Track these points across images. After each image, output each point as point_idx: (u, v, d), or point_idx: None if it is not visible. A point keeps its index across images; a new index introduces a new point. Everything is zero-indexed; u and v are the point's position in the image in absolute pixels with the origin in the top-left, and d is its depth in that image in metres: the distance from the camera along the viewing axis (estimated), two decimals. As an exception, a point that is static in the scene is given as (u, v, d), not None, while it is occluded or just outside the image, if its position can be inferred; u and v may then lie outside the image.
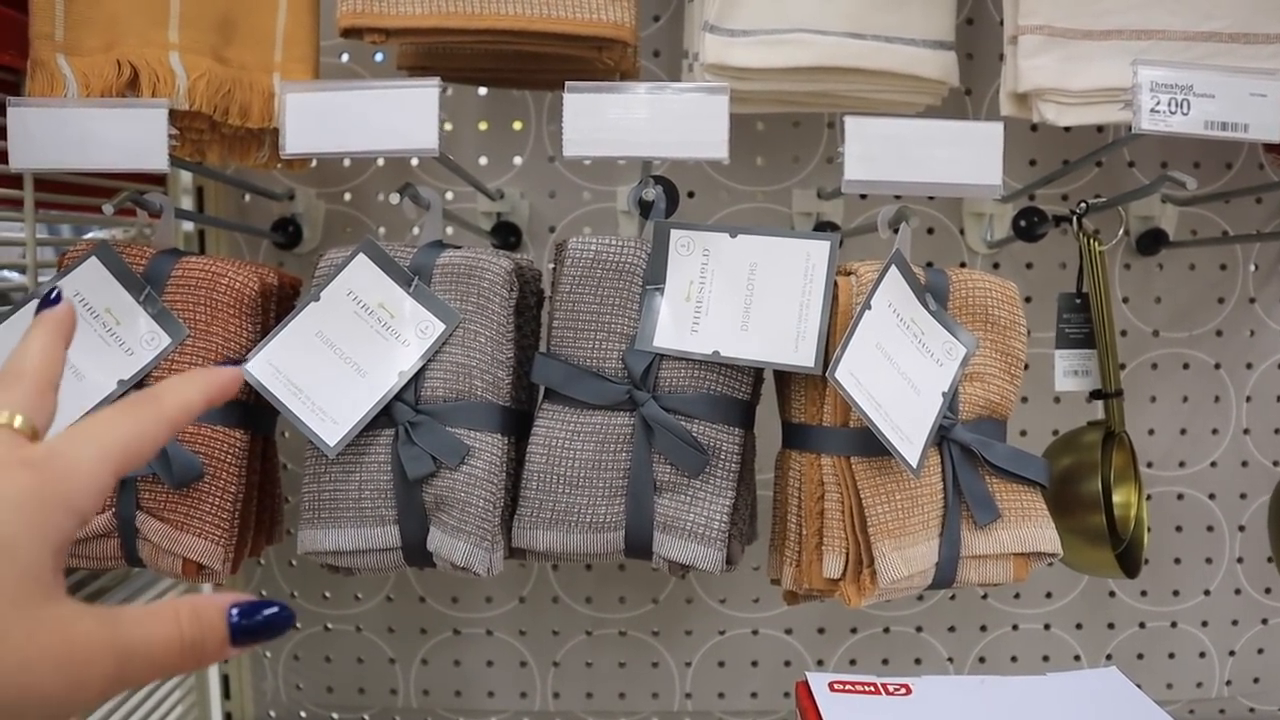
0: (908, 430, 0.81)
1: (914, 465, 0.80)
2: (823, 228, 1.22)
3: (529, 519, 0.87)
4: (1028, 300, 1.25)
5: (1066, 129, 1.20)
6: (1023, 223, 1.16)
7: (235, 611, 0.40)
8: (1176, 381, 1.27)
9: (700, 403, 0.86)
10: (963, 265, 1.25)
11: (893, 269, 0.85)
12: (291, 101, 0.86)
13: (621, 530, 0.86)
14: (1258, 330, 1.28)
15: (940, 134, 0.83)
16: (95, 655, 0.36)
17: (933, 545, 0.85)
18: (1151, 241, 1.23)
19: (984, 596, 1.28)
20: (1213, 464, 1.29)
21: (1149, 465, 1.28)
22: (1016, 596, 1.29)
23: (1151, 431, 1.28)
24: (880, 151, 0.82)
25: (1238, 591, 1.30)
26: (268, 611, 0.41)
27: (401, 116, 0.85)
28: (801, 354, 0.83)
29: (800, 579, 0.86)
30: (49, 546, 0.36)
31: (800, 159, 1.24)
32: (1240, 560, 1.30)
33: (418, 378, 0.88)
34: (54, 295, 0.48)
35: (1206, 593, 1.30)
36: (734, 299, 0.86)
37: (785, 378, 0.90)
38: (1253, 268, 1.27)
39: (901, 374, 0.82)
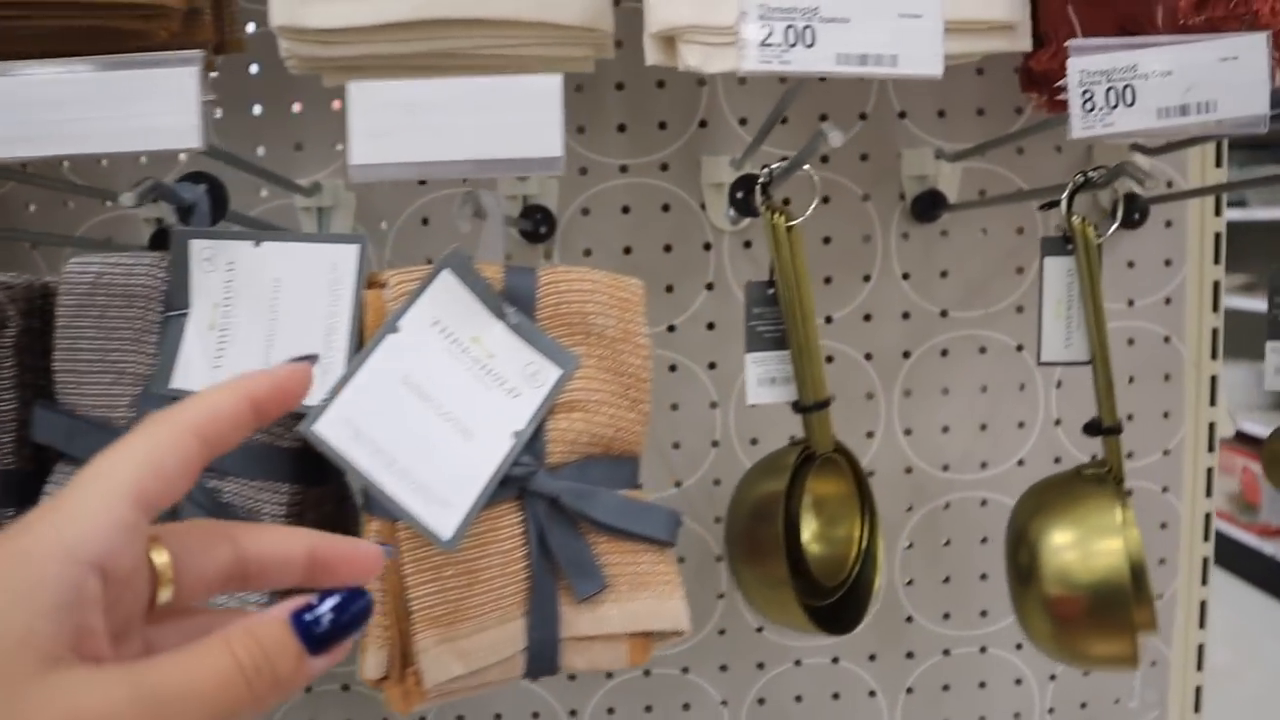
0: (442, 489, 0.61)
1: (447, 535, 0.60)
2: (532, 212, 1.01)
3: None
4: (786, 284, 1.03)
5: (781, 80, 1.00)
6: (739, 194, 0.95)
7: (303, 617, 0.33)
8: (972, 369, 1.06)
9: (232, 456, 0.66)
10: (707, 247, 1.03)
11: (443, 276, 0.65)
12: None
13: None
14: (1066, 303, 1.06)
15: (477, 95, 0.62)
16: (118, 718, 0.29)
17: (516, 627, 0.65)
18: (929, 205, 1.02)
19: (759, 629, 1.08)
20: (1020, 462, 1.08)
21: (944, 469, 1.07)
22: (798, 626, 1.08)
23: (946, 429, 1.07)
24: (396, 124, 0.62)
25: (1059, 607, 1.10)
26: (341, 607, 0.33)
27: None
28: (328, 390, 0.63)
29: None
30: (42, 609, 0.30)
31: (505, 133, 1.03)
32: (1060, 571, 1.09)
33: (-110, 442, 0.69)
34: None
35: (1021, 611, 1.09)
36: (259, 323, 0.66)
37: (358, 417, 0.69)
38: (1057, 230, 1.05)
39: (443, 414, 0.62)
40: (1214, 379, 1.09)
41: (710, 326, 1.04)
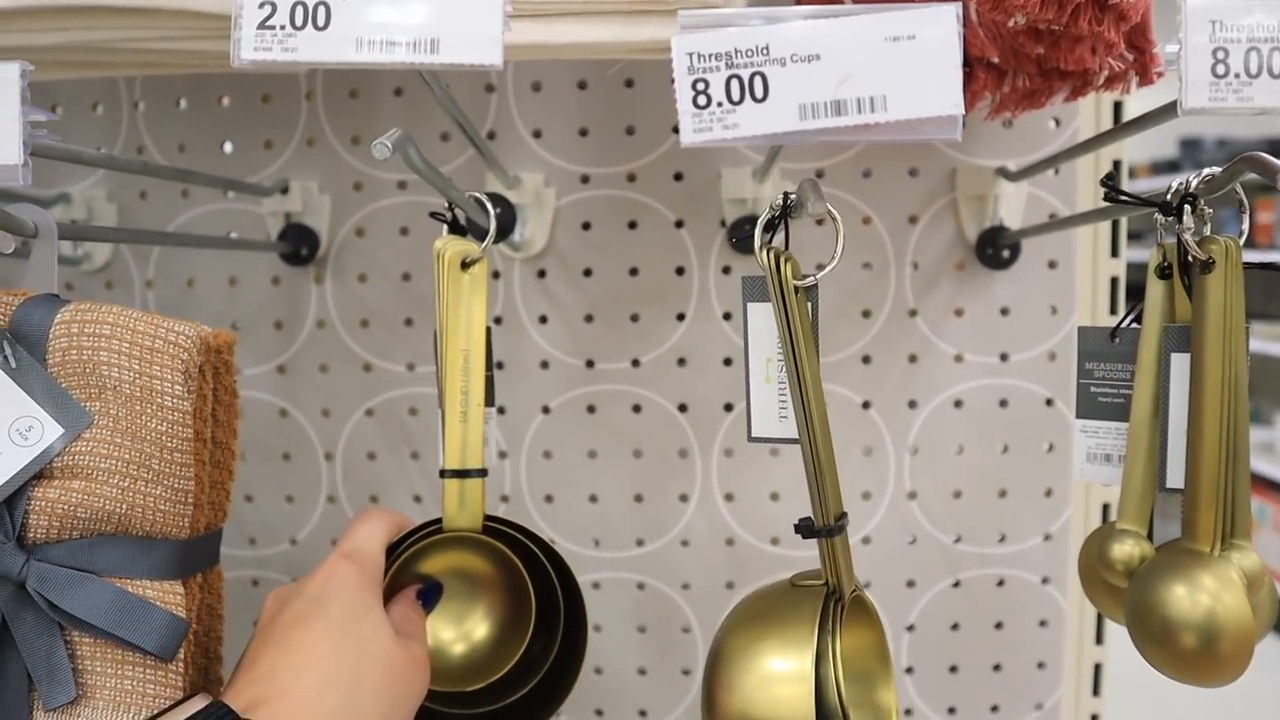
0: None
1: None
2: (292, 232, 0.86)
3: None
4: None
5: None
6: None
7: (420, 599, 0.60)
8: (807, 427, 0.86)
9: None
10: (495, 275, 0.86)
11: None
12: None
13: None
14: (923, 355, 0.85)
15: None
16: (427, 661, 0.56)
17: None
18: (750, 234, 0.83)
19: None
20: (865, 540, 0.87)
21: (773, 542, 0.87)
22: None
23: (775, 496, 0.87)
24: None
25: (909, 713, 0.88)
26: (432, 592, 0.61)
27: None
28: None
29: None
30: (381, 604, 0.54)
31: (274, 144, 0.88)
32: (910, 671, 0.88)
33: None
34: None
35: (863, 715, 0.88)
36: None
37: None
38: (911, 266, 0.85)
39: None
40: (1109, 451, 0.86)
41: (499, 365, 0.87)
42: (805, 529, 0.56)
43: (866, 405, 0.86)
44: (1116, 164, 0.85)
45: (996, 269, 0.84)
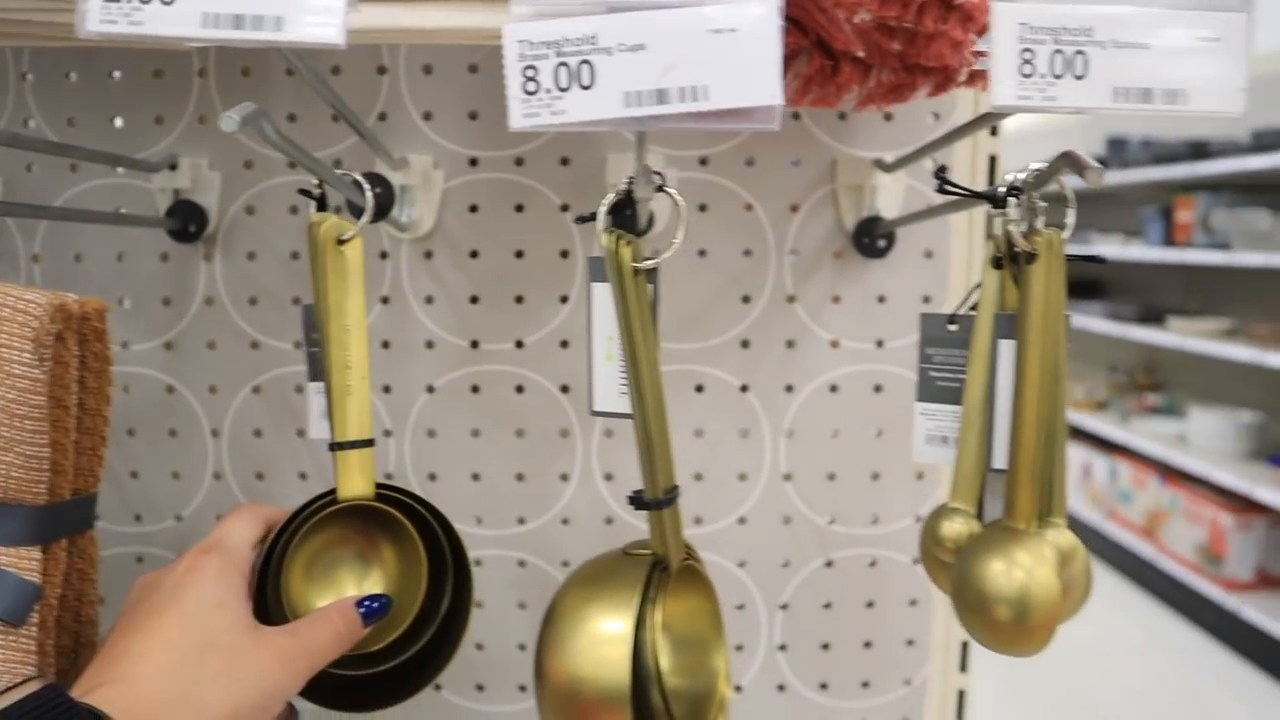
0: None
1: None
2: (180, 209, 0.86)
3: None
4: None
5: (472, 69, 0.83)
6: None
7: (362, 607, 0.59)
8: (686, 409, 0.89)
9: None
10: (383, 255, 0.87)
11: None
12: None
13: None
14: (800, 340, 0.88)
15: None
16: (297, 656, 0.54)
17: None
18: (632, 222, 0.85)
19: None
20: (741, 520, 0.90)
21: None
22: None
23: (656, 476, 0.89)
24: None
25: (781, 688, 0.91)
26: (377, 602, 0.60)
27: None
28: None
29: None
30: (241, 596, 0.55)
31: (165, 120, 0.88)
32: (783, 648, 0.91)
33: None
34: None
35: (738, 689, 0.91)
36: None
37: None
38: (790, 254, 0.87)
39: None
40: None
41: (385, 345, 0.88)
42: (637, 501, 0.58)
43: (744, 389, 0.88)
44: (992, 159, 0.88)
45: (873, 258, 0.87)
